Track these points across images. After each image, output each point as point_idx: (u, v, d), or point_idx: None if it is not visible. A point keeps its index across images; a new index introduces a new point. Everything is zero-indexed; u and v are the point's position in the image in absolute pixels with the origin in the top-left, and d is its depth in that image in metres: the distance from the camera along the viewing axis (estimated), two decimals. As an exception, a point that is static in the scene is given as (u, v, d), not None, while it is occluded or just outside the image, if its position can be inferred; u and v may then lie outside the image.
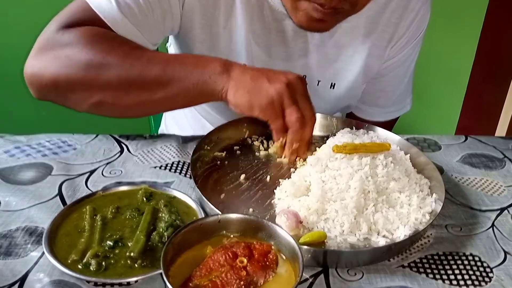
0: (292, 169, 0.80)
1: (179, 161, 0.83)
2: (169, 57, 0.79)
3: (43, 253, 0.60)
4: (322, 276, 0.61)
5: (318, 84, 0.98)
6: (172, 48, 1.07)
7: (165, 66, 0.76)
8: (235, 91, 0.75)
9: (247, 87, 0.75)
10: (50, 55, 0.77)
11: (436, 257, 0.65)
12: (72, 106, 0.80)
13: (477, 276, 0.63)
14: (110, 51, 0.76)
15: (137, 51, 0.78)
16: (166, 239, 0.61)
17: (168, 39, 1.07)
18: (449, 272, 0.63)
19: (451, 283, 0.61)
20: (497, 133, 2.15)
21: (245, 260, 0.53)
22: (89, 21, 0.78)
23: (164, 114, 1.31)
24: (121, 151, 0.86)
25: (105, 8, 0.79)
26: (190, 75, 0.76)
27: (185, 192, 0.72)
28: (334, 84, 0.99)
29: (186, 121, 1.18)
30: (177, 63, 0.77)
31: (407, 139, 0.88)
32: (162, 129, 1.30)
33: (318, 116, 0.94)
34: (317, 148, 0.81)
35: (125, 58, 0.76)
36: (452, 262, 0.65)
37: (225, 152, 0.85)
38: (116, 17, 0.79)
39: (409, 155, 0.82)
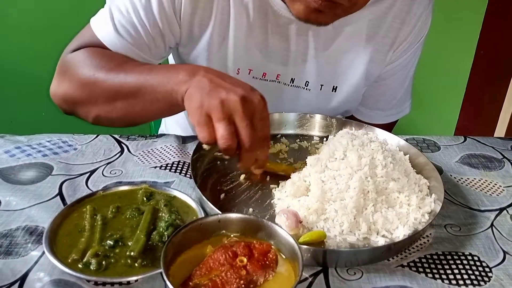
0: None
1: (179, 161, 0.83)
2: (144, 69, 0.80)
3: (44, 252, 0.60)
4: (321, 275, 0.61)
5: (321, 89, 0.99)
6: (170, 58, 1.08)
7: (138, 79, 0.78)
8: (189, 98, 0.71)
9: (201, 93, 0.69)
10: (60, 75, 0.87)
11: (435, 257, 0.66)
12: (86, 120, 0.87)
13: (476, 276, 0.63)
14: (99, 69, 0.81)
15: (121, 66, 0.81)
16: (166, 239, 0.61)
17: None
18: (448, 271, 0.63)
19: (450, 283, 0.61)
20: (496, 134, 2.16)
21: (245, 260, 0.54)
22: (94, 44, 0.87)
23: (164, 114, 1.31)
24: (121, 151, 0.86)
25: (105, 32, 0.86)
26: (158, 86, 0.75)
27: (185, 192, 0.72)
28: (336, 87, 0.99)
29: (187, 122, 1.18)
30: (149, 75, 0.78)
31: (407, 140, 0.88)
32: (162, 129, 1.30)
33: (318, 116, 0.94)
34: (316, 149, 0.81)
35: (109, 73, 0.80)
36: (451, 261, 0.65)
37: (225, 152, 0.85)
38: (114, 39, 0.86)
39: (408, 155, 0.82)
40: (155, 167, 0.82)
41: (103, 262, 0.58)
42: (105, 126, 0.88)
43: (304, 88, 0.98)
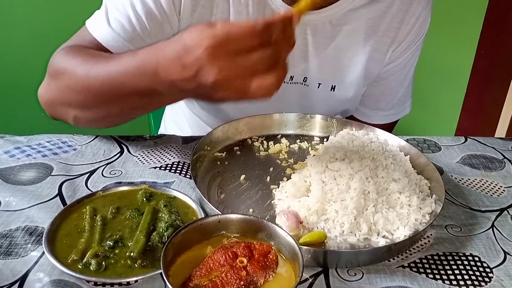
0: (290, 170, 0.80)
1: (179, 162, 0.83)
2: (109, 72, 0.71)
3: (43, 252, 0.60)
4: (322, 276, 0.61)
5: (318, 87, 0.99)
6: None
7: (106, 83, 0.71)
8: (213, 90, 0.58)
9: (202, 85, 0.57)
10: (46, 76, 0.83)
11: (436, 258, 0.66)
12: (68, 122, 0.82)
13: (477, 277, 0.63)
14: (74, 69, 0.76)
15: (93, 68, 0.74)
16: (166, 239, 0.61)
17: None
18: (449, 272, 0.63)
19: (451, 283, 0.61)
20: (496, 134, 2.15)
21: (245, 260, 0.53)
22: (85, 42, 0.83)
23: (163, 115, 1.31)
24: (121, 152, 0.86)
25: (97, 27, 0.83)
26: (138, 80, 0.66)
27: (185, 192, 0.72)
28: (335, 86, 0.99)
29: (186, 122, 1.18)
30: (119, 73, 0.69)
31: (407, 140, 0.88)
32: (162, 130, 1.30)
33: (318, 117, 0.94)
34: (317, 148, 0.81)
35: (81, 75, 0.75)
36: (452, 262, 0.65)
37: (225, 152, 0.85)
38: (106, 33, 0.82)
39: (409, 156, 0.82)
40: (155, 168, 0.81)
41: (103, 263, 0.58)
42: (90, 127, 0.84)
43: (302, 84, 0.98)
